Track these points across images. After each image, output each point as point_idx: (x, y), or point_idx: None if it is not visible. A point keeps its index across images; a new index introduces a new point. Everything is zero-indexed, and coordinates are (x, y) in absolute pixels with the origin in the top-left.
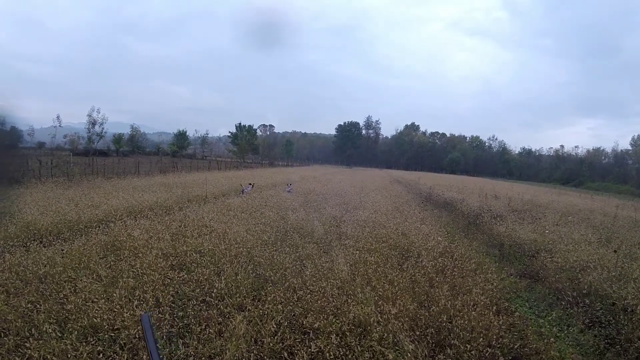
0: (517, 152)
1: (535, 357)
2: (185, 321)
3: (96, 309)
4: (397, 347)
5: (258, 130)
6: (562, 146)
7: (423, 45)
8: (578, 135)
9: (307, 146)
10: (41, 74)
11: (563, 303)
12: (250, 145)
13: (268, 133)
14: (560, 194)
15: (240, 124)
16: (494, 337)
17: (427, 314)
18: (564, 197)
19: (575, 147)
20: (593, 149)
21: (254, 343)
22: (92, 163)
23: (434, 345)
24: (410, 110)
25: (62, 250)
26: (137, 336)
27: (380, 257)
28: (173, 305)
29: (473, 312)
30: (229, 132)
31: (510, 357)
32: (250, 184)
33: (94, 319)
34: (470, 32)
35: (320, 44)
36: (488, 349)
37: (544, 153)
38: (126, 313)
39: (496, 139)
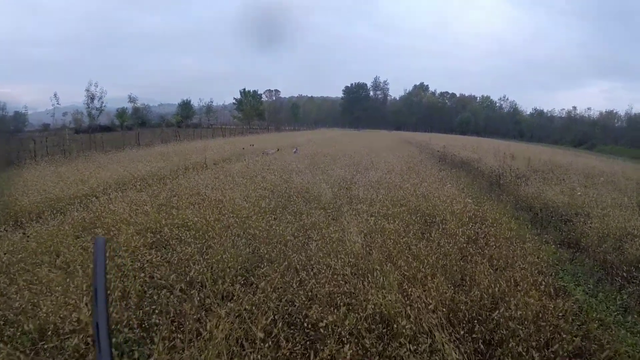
0: (528, 113)
1: (600, 354)
2: (153, 319)
3: (47, 306)
4: (435, 354)
5: (264, 96)
6: (574, 107)
7: (433, 3)
8: (591, 97)
9: (314, 110)
10: (44, 56)
11: (616, 279)
12: (255, 111)
13: (274, 98)
14: (577, 156)
15: (244, 89)
16: (553, 329)
17: (466, 299)
18: (581, 158)
19: (588, 109)
20: (606, 112)
21: (239, 348)
22: (92, 139)
23: (482, 345)
24: (420, 71)
25: (26, 233)
26: (92, 341)
27: (400, 224)
28: (142, 295)
29: (526, 297)
30: (234, 98)
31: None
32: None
33: (40, 320)
34: None
35: (327, 5)
36: (546, 349)
37: (555, 114)
38: (83, 309)
39: (507, 99)
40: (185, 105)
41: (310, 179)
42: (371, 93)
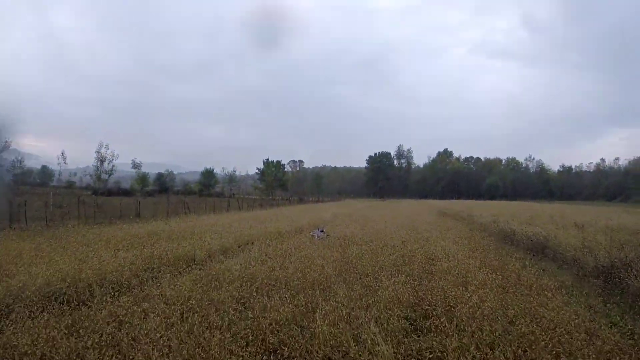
0: (556, 170)
1: None
2: None
3: None
4: None
5: (287, 166)
6: (602, 159)
7: (448, 71)
8: (612, 147)
9: (338, 180)
10: (79, 116)
11: None
12: (278, 181)
13: (298, 169)
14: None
15: (267, 159)
16: None
17: None
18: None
19: (616, 159)
20: (634, 159)
21: None
22: (95, 201)
23: None
24: (440, 137)
25: None
26: None
27: None
28: None
29: None
30: (257, 168)
31: None
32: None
33: None
34: (493, 54)
35: (346, 80)
36: None
37: (584, 169)
38: None
39: (533, 158)
40: (208, 174)
41: (345, 307)
42: (395, 162)
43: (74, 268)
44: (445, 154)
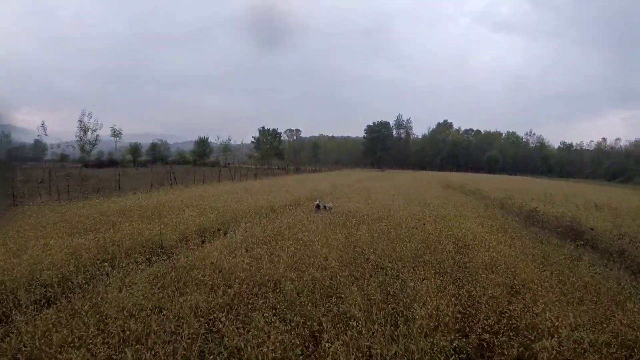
0: (556, 147)
1: None
2: None
3: None
4: None
5: (284, 135)
6: (604, 139)
7: (450, 42)
8: (612, 127)
9: (335, 149)
10: (71, 89)
11: None
12: (274, 150)
13: (295, 137)
14: None
15: (263, 127)
16: None
17: None
18: None
19: (617, 139)
20: (636, 140)
21: None
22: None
23: None
24: (441, 109)
25: None
26: None
27: None
28: None
29: None
30: (253, 137)
31: None
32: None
33: None
34: (496, 26)
35: (346, 46)
36: None
37: (584, 147)
38: None
39: (533, 133)
40: (202, 143)
41: (364, 336)
42: (394, 132)
43: (6, 263)
44: (445, 125)
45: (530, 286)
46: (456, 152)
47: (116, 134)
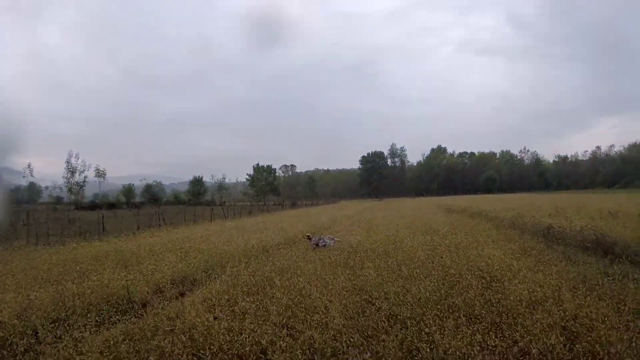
0: (551, 161)
1: None
2: None
3: None
4: None
5: (279, 171)
6: (598, 147)
7: (436, 71)
8: (602, 136)
9: (331, 182)
10: (67, 133)
11: None
12: (269, 186)
13: (290, 173)
14: None
15: (257, 164)
16: None
17: None
18: None
19: (611, 146)
20: (629, 145)
21: None
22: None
23: None
24: (432, 136)
25: None
26: None
27: None
28: None
29: None
30: (247, 174)
31: None
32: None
33: None
34: (479, 51)
35: (336, 85)
36: None
37: (579, 158)
38: None
39: (528, 150)
40: (197, 183)
41: None
42: (389, 161)
43: None
44: (439, 151)
45: (587, 323)
46: (452, 175)
47: (100, 174)
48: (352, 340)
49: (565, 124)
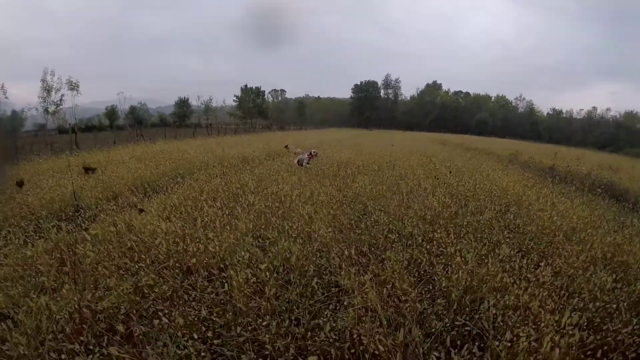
0: (545, 113)
1: None
2: None
3: None
4: None
5: (269, 95)
6: (594, 108)
7: (440, 9)
8: (600, 99)
9: (322, 110)
10: (54, 57)
11: None
12: (257, 108)
13: (280, 98)
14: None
15: (246, 85)
16: None
17: None
18: None
19: (608, 109)
20: (625, 113)
21: None
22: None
23: None
24: (429, 74)
25: None
26: None
27: None
28: None
29: None
30: (235, 96)
31: None
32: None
33: None
34: None
35: (333, 8)
36: None
37: (574, 115)
38: None
39: (523, 98)
40: (182, 104)
41: None
42: (382, 92)
43: None
44: (434, 87)
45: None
46: (445, 113)
47: (73, 87)
48: (342, 257)
49: (564, 81)
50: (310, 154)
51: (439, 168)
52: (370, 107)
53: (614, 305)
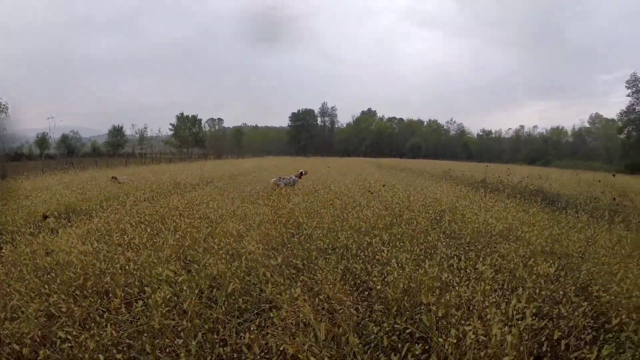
0: (475, 135)
1: None
2: None
3: None
4: None
5: (206, 125)
6: (522, 126)
7: (376, 36)
8: (527, 118)
9: (260, 139)
10: None
11: None
12: (194, 137)
13: (217, 127)
14: (565, 173)
15: (182, 113)
16: None
17: None
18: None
19: (535, 127)
20: (552, 128)
21: None
22: None
23: None
24: (365, 100)
25: None
26: None
27: None
28: None
29: None
30: (170, 124)
31: None
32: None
33: None
34: (422, 23)
35: (270, 37)
36: None
37: (502, 135)
38: None
39: (454, 121)
40: (116, 132)
41: None
42: (319, 120)
43: None
44: (369, 114)
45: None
46: (380, 139)
47: (2, 109)
48: (272, 271)
49: (493, 103)
50: (301, 173)
51: (373, 185)
52: (308, 134)
53: (561, 292)
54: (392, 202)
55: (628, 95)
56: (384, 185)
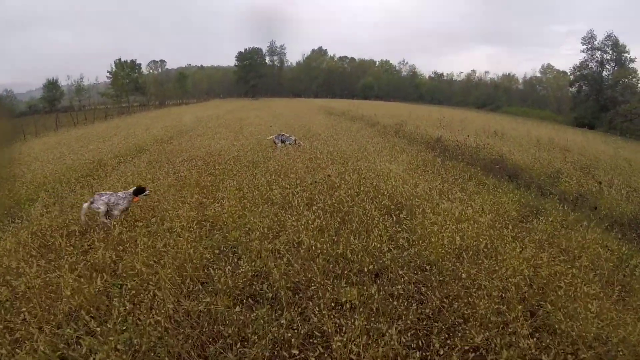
0: (427, 77)
1: None
2: None
3: None
4: None
5: (147, 68)
6: (473, 71)
7: None
8: (477, 61)
9: (206, 80)
10: None
11: None
12: (133, 84)
13: (159, 70)
14: (518, 123)
15: (119, 59)
16: None
17: None
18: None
19: (486, 72)
20: (503, 75)
21: None
22: None
23: None
24: (316, 39)
25: None
26: None
27: None
28: None
29: None
30: (107, 71)
31: None
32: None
33: None
34: None
35: None
36: None
37: (454, 78)
38: None
39: (406, 63)
40: (52, 86)
41: None
42: (267, 59)
43: None
44: (320, 52)
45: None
46: (331, 79)
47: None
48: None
49: (444, 45)
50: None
51: (320, 156)
52: (256, 75)
53: None
54: (339, 192)
55: (582, 51)
56: (328, 175)
